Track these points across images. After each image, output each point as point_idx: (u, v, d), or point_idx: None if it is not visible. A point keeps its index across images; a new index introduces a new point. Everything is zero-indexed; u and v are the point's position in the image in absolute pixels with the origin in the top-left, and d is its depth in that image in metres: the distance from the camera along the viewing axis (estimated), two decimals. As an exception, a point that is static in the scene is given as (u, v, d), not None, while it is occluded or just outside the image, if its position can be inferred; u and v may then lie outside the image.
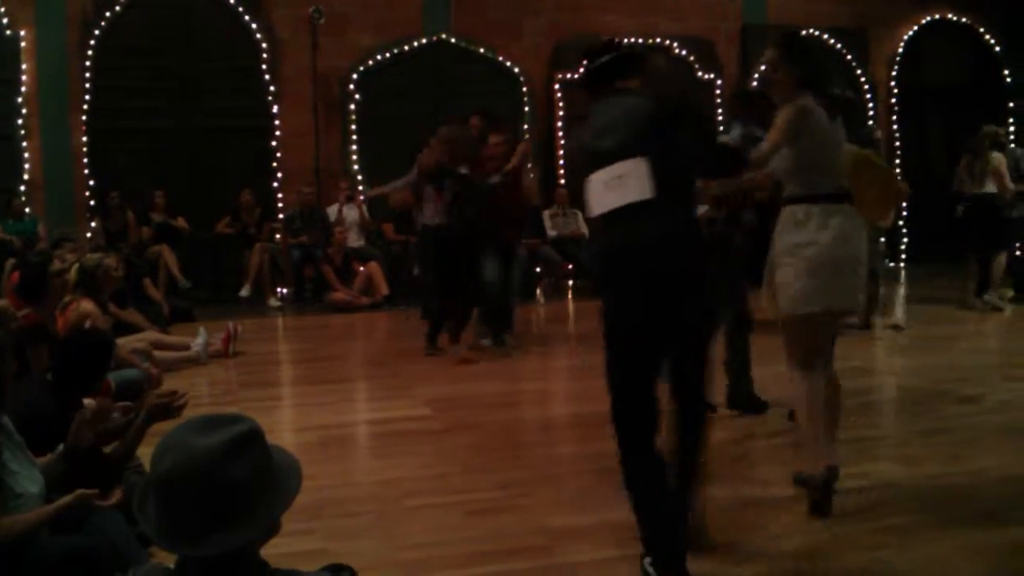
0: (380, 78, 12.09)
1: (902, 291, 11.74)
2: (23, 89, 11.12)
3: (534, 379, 7.23)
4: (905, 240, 13.74)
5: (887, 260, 12.45)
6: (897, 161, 13.45)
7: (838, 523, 4.02)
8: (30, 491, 3.11)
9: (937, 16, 14.20)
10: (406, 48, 12.21)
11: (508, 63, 12.51)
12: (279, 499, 1.85)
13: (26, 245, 10.10)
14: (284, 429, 5.81)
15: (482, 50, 12.43)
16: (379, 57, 12.10)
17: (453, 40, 12.36)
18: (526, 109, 12.38)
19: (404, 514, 4.29)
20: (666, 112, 3.67)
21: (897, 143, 13.91)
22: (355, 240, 11.42)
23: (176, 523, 1.80)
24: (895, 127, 14.07)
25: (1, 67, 11.04)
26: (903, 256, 13.77)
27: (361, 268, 11.13)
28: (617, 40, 3.99)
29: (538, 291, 11.44)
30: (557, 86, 12.50)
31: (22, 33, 11.13)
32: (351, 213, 11.49)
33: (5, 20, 11.03)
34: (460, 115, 8.26)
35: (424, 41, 12.27)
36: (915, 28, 14.18)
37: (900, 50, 14.18)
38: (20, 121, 11.11)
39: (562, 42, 12.71)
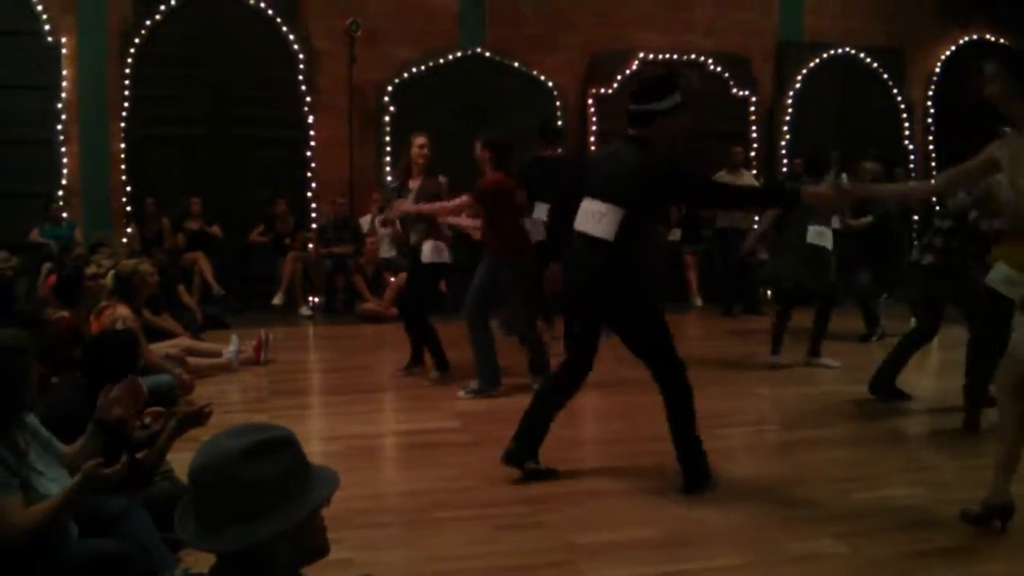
0: (415, 90, 12.15)
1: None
2: (63, 95, 11.28)
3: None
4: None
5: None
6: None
7: (865, 548, 3.99)
8: (54, 492, 3.15)
9: (975, 36, 14.09)
10: (441, 61, 12.27)
11: (542, 77, 12.54)
12: (303, 505, 1.88)
13: (63, 249, 10.24)
14: (313, 438, 5.84)
15: (517, 64, 12.47)
16: (414, 70, 12.17)
17: (488, 54, 12.40)
18: (560, 123, 12.39)
19: (431, 526, 4.30)
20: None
21: (933, 163, 13.80)
22: (386, 251, 11.46)
23: (199, 517, 1.88)
24: (931, 147, 13.97)
25: (42, 73, 11.19)
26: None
27: (392, 279, 11.17)
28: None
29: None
30: (591, 100, 12.52)
31: (63, 40, 11.29)
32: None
33: (47, 27, 11.19)
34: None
35: (459, 54, 12.33)
36: (952, 48, 14.08)
37: (937, 70, 14.08)
38: (59, 127, 11.26)
39: (596, 57, 12.74)
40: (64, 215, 11.02)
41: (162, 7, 11.42)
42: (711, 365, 8.03)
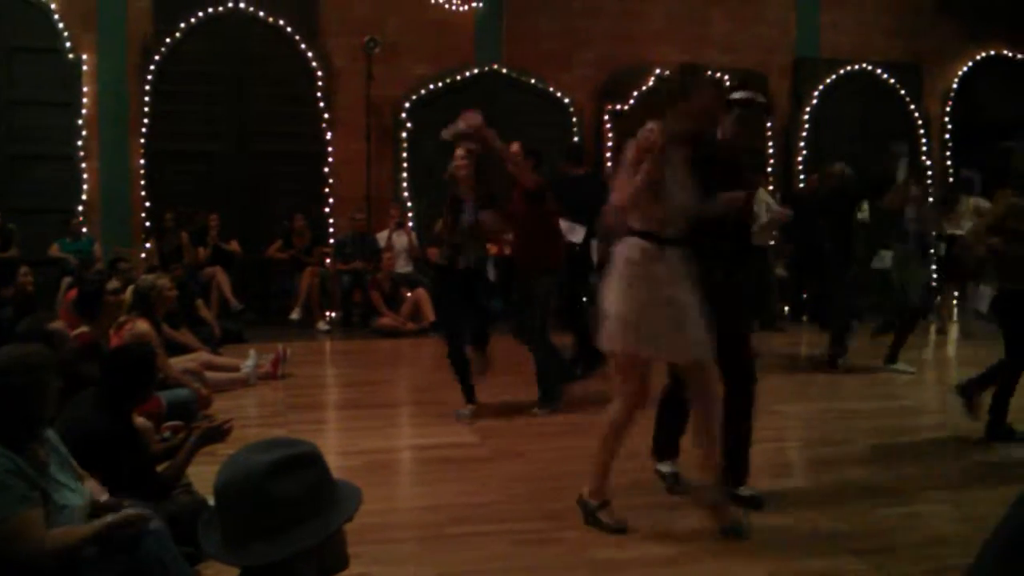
0: (432, 107, 12.19)
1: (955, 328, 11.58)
2: (83, 112, 11.38)
3: (583, 408, 7.19)
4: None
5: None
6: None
7: (886, 566, 3.96)
8: (73, 503, 3.17)
9: (992, 52, 14.05)
10: (458, 78, 12.32)
11: (559, 93, 12.57)
12: (329, 521, 1.89)
13: (82, 264, 10.30)
14: (330, 452, 5.83)
15: (533, 80, 12.51)
16: (431, 86, 12.23)
17: (505, 70, 12.44)
18: (576, 139, 12.41)
19: (448, 541, 4.30)
20: None
21: (951, 179, 13.75)
22: (403, 266, 11.50)
23: (225, 532, 1.88)
24: (948, 163, 13.92)
25: (63, 90, 11.31)
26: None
27: (408, 294, 11.20)
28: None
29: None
30: (607, 116, 12.54)
31: (84, 57, 11.40)
32: (400, 240, 11.58)
33: (68, 44, 11.30)
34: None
35: (476, 71, 12.37)
36: (970, 64, 14.03)
37: (954, 85, 14.05)
38: (80, 143, 11.36)
39: (613, 73, 12.76)
40: (84, 230, 11.10)
41: (182, 24, 11.52)
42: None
